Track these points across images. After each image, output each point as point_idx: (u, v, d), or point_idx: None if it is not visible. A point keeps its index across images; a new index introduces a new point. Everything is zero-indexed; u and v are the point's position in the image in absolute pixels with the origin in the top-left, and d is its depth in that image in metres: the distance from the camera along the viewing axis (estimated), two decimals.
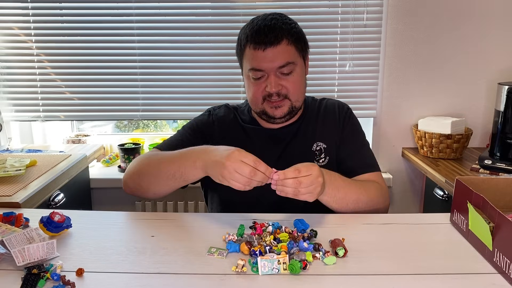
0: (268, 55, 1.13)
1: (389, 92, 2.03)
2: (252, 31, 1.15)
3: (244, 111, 1.34)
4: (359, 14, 1.97)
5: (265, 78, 1.17)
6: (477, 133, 2.03)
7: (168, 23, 2.01)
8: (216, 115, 1.32)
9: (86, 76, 2.05)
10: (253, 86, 1.19)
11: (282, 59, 1.14)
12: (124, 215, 1.10)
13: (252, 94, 1.20)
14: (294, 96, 1.19)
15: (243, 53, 1.19)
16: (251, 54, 1.15)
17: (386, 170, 2.11)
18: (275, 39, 1.12)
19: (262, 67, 1.15)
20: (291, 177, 0.96)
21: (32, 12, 1.99)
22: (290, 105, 1.19)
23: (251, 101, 1.23)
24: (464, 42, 1.97)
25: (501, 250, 0.80)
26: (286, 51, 1.14)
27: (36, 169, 1.52)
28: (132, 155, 2.05)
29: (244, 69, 1.22)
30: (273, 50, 1.13)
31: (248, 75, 1.19)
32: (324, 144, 1.26)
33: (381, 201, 1.18)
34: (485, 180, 1.06)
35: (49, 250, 0.84)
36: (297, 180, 0.96)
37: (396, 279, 0.79)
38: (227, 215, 1.09)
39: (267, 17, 1.17)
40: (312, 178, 0.97)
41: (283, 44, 1.14)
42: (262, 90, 1.17)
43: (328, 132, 1.27)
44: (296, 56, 1.17)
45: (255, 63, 1.15)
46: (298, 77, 1.19)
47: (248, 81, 1.21)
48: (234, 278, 0.79)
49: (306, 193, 0.98)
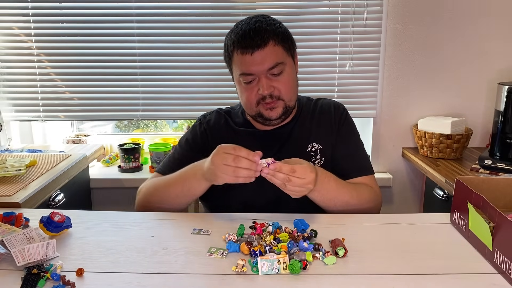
0: (256, 58, 1.13)
1: (389, 92, 2.03)
2: (238, 36, 1.14)
3: (238, 113, 1.34)
4: (359, 14, 1.97)
5: (256, 81, 1.16)
6: (477, 133, 2.03)
7: (168, 23, 2.01)
8: (207, 123, 1.32)
9: (86, 76, 2.05)
10: (245, 91, 1.19)
11: (271, 61, 1.14)
12: (124, 215, 1.10)
13: (245, 98, 1.20)
14: (287, 96, 1.18)
15: (231, 59, 1.19)
16: (239, 59, 1.15)
17: (386, 170, 2.11)
18: (261, 41, 1.12)
19: (252, 70, 1.14)
20: (284, 172, 0.97)
21: (32, 12, 1.99)
22: (284, 105, 1.19)
23: (245, 105, 1.23)
24: (464, 42, 1.97)
25: (501, 250, 0.80)
26: (273, 52, 1.14)
27: (36, 169, 1.52)
28: (132, 155, 2.05)
29: (234, 74, 1.22)
30: (261, 52, 1.13)
31: (239, 80, 1.19)
32: (319, 145, 1.25)
33: (372, 205, 1.19)
34: (485, 180, 1.06)
35: (49, 250, 0.84)
36: (288, 177, 0.98)
37: (396, 279, 0.79)
38: (227, 215, 1.09)
39: (250, 21, 1.17)
40: (302, 182, 0.99)
41: (270, 46, 1.13)
42: (255, 93, 1.17)
43: (323, 133, 1.27)
44: (284, 56, 1.17)
45: (245, 67, 1.15)
46: (289, 76, 1.19)
47: (239, 86, 1.21)
48: (234, 278, 0.79)
49: (291, 191, 1.00)
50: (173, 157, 1.29)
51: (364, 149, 1.32)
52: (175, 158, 1.28)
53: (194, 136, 1.31)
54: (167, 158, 1.32)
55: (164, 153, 2.05)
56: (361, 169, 1.25)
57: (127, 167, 2.07)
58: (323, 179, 1.08)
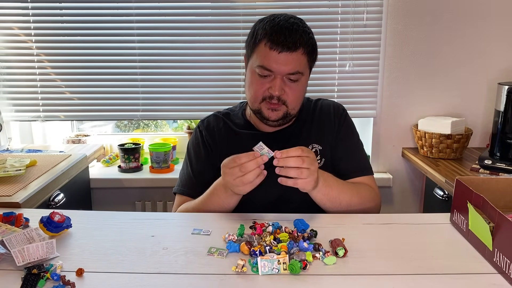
0: (281, 58, 1.11)
1: (389, 92, 2.03)
2: (273, 29, 1.12)
3: (238, 115, 1.33)
4: (359, 14, 1.97)
5: (271, 79, 1.15)
6: (477, 133, 2.03)
7: (168, 23, 2.01)
8: (205, 130, 1.30)
9: (86, 76, 2.05)
10: (256, 82, 1.17)
11: (294, 67, 1.13)
12: (124, 215, 1.10)
13: (253, 90, 1.18)
14: (292, 104, 1.18)
15: (256, 46, 1.16)
16: (264, 51, 1.13)
17: (386, 170, 2.11)
18: (293, 45, 1.11)
19: (273, 68, 1.13)
20: (294, 155, 0.99)
21: (32, 12, 1.99)
22: (286, 111, 1.18)
23: (249, 97, 1.21)
24: (464, 42, 1.97)
25: (501, 250, 0.80)
26: (299, 60, 1.13)
27: (36, 169, 1.52)
28: (132, 155, 2.05)
29: (251, 62, 1.18)
30: (288, 55, 1.11)
31: (254, 70, 1.16)
32: (319, 146, 1.25)
33: (372, 205, 1.19)
34: (485, 180, 1.06)
35: (49, 250, 0.84)
36: (300, 158, 0.99)
37: (396, 279, 0.79)
38: (227, 215, 1.09)
39: (289, 19, 1.14)
40: (312, 160, 1.01)
41: (298, 53, 1.12)
42: (265, 90, 1.16)
43: (323, 134, 1.27)
44: (305, 66, 1.16)
45: (267, 62, 1.13)
46: (302, 86, 1.18)
47: (252, 75, 1.18)
48: (234, 278, 0.79)
49: (307, 176, 1.00)
50: (188, 176, 1.28)
51: (363, 149, 1.32)
52: (191, 176, 1.27)
53: (197, 148, 1.30)
54: (183, 176, 1.30)
55: (164, 153, 2.05)
56: (361, 169, 1.25)
57: (127, 167, 2.06)
58: (322, 174, 1.08)
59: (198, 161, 1.28)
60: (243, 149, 1.04)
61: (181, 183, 1.29)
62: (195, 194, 1.21)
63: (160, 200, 2.09)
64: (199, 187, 1.21)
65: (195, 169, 1.28)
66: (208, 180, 1.18)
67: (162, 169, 2.06)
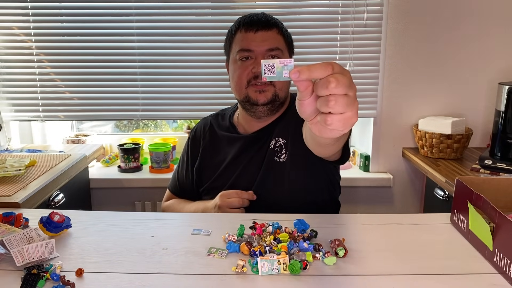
0: (258, 36, 1.16)
1: (389, 92, 2.03)
2: (244, 18, 1.19)
3: (226, 116, 1.35)
4: (359, 14, 1.97)
5: (252, 60, 1.17)
6: (478, 133, 2.03)
7: (168, 23, 2.01)
8: (194, 132, 1.39)
9: (86, 76, 2.05)
10: (238, 68, 1.18)
11: (272, 43, 1.16)
12: (124, 215, 1.10)
13: (237, 77, 1.19)
14: (279, 83, 1.17)
15: (233, 39, 1.21)
16: (241, 36, 1.18)
17: (386, 170, 2.11)
18: (267, 23, 1.17)
19: (252, 46, 1.16)
20: (319, 76, 0.57)
21: (32, 12, 1.99)
22: (274, 92, 1.18)
23: (235, 86, 1.21)
24: (464, 42, 1.97)
25: (501, 250, 0.80)
26: (276, 37, 1.18)
27: (35, 169, 1.52)
28: (132, 155, 2.05)
29: (231, 54, 1.22)
30: (264, 33, 1.16)
31: (235, 59, 1.19)
32: (283, 139, 1.21)
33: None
34: (486, 180, 1.05)
35: (48, 250, 0.84)
36: (327, 79, 0.56)
37: (396, 279, 0.79)
38: (227, 215, 1.09)
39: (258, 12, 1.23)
40: (348, 80, 0.57)
41: (274, 31, 1.18)
42: (248, 72, 1.17)
43: (290, 126, 1.20)
44: (284, 47, 1.20)
45: (245, 43, 1.17)
46: None
47: (234, 65, 1.21)
48: (234, 279, 0.79)
49: (351, 110, 0.58)
50: (174, 177, 1.43)
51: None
52: (176, 178, 1.42)
53: (184, 153, 1.41)
54: (173, 175, 1.45)
55: (163, 153, 2.05)
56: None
57: (127, 167, 2.06)
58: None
59: (183, 167, 1.39)
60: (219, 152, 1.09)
61: (170, 181, 1.46)
62: (178, 194, 1.41)
63: (160, 200, 2.09)
64: (181, 189, 1.39)
65: (179, 172, 1.40)
66: (188, 185, 1.36)
67: (162, 169, 2.06)
